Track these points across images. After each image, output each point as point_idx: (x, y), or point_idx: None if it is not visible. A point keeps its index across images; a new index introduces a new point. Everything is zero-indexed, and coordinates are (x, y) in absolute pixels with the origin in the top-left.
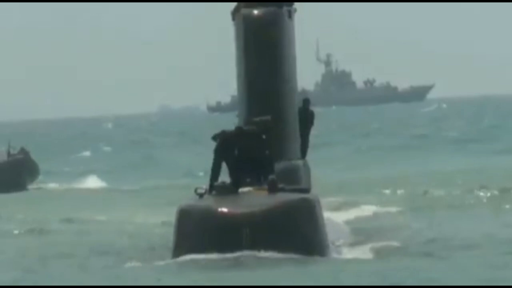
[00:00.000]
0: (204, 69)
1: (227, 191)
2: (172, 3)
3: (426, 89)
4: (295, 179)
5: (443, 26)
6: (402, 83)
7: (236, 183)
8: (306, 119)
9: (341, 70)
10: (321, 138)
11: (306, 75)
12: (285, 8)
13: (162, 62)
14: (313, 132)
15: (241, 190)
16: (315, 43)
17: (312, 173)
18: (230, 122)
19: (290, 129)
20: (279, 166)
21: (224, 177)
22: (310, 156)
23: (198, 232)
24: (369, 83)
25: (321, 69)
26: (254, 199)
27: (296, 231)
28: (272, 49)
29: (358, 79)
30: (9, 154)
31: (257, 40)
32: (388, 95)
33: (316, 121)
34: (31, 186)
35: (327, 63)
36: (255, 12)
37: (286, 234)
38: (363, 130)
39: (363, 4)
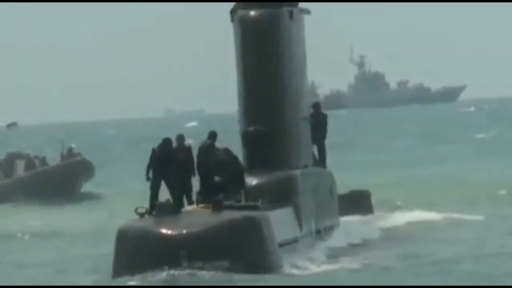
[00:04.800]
0: (208, 72)
1: (169, 210)
2: (175, 4)
3: (459, 90)
4: (288, 190)
5: (477, 26)
6: (435, 84)
7: (178, 202)
8: (319, 123)
9: (374, 71)
10: None
11: (339, 77)
12: (285, 9)
13: (166, 65)
14: None
15: (184, 208)
16: (348, 45)
17: None
18: None
19: (290, 137)
20: (272, 176)
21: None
22: None
23: (136, 254)
24: (402, 84)
25: (354, 70)
26: (195, 218)
27: (237, 250)
28: (270, 52)
29: (391, 80)
30: (62, 156)
31: (254, 43)
32: (421, 96)
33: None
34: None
35: (360, 64)
36: (252, 13)
37: (227, 254)
38: None
39: (396, 5)
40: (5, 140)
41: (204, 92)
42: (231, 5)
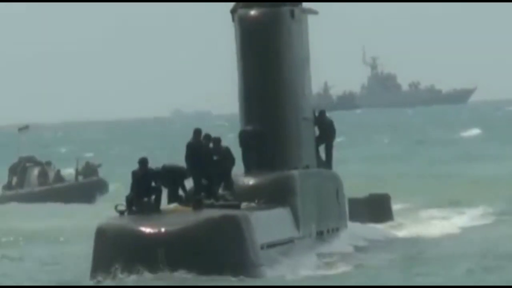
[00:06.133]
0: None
1: (149, 208)
2: (183, 4)
3: (469, 92)
4: (285, 190)
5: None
6: (446, 86)
7: (158, 200)
8: (326, 129)
9: (386, 73)
10: None
11: (352, 78)
12: (285, 8)
13: (173, 65)
14: None
15: (165, 207)
16: (361, 46)
17: None
18: None
19: (289, 137)
20: (269, 177)
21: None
22: None
23: (114, 251)
24: (414, 85)
25: (367, 72)
26: (174, 217)
27: (215, 249)
28: (269, 51)
29: (403, 82)
30: (77, 172)
31: (253, 42)
32: (432, 97)
33: None
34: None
35: (373, 66)
36: (252, 12)
37: (205, 253)
38: None
39: (408, 6)
40: (17, 144)
41: (209, 93)
42: (232, 5)
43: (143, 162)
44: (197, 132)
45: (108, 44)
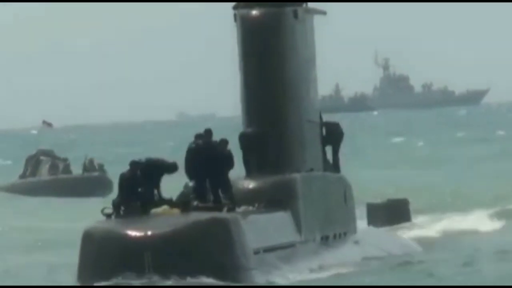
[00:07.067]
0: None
1: (137, 211)
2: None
3: (482, 93)
4: (286, 194)
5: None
6: (458, 87)
7: (145, 203)
8: (332, 133)
9: (399, 74)
10: None
11: (364, 79)
12: (289, 8)
13: (177, 68)
14: None
15: (153, 210)
16: (373, 47)
17: None
18: None
19: (291, 139)
20: (269, 180)
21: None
22: None
23: (100, 256)
24: (427, 87)
25: (380, 73)
26: (161, 220)
27: (203, 252)
28: (271, 52)
29: (416, 83)
30: (84, 167)
31: (255, 43)
32: (445, 99)
33: None
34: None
35: (385, 67)
36: (253, 12)
37: (193, 256)
38: None
39: (421, 7)
40: (38, 136)
41: (213, 96)
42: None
43: (133, 164)
44: (208, 132)
45: (110, 46)
